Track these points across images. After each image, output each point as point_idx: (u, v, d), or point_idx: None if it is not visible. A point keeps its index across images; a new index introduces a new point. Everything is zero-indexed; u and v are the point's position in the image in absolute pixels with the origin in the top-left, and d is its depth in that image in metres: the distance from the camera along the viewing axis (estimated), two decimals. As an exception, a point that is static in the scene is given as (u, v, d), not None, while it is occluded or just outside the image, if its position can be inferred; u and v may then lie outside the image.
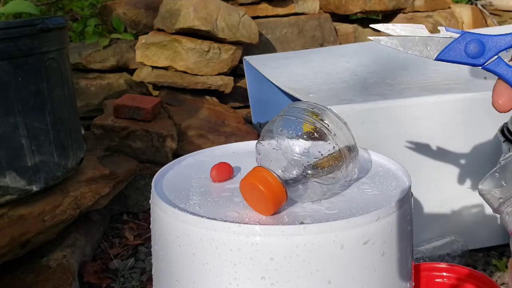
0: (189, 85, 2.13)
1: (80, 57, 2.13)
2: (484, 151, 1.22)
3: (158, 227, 0.51)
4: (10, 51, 1.06)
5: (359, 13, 2.63)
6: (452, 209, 1.25)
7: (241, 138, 1.83)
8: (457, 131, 1.19)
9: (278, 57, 1.92)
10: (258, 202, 0.47)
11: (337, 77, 1.43)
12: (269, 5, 2.44)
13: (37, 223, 1.15)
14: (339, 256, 0.44)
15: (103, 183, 1.37)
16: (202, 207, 0.49)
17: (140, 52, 2.10)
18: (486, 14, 2.82)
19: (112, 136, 1.65)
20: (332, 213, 0.48)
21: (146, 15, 2.27)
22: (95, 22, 2.23)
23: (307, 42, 2.48)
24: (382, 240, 0.46)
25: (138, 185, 1.66)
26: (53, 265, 1.22)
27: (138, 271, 1.37)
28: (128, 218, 1.63)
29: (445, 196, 1.24)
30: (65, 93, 1.23)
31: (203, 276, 0.46)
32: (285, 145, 0.49)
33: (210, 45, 2.09)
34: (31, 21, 1.12)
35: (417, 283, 0.85)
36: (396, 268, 0.48)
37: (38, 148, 1.13)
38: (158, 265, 0.53)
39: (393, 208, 0.47)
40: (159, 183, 0.56)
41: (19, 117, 1.09)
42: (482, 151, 1.22)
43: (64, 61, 1.23)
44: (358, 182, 0.55)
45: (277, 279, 0.44)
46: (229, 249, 0.44)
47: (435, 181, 1.21)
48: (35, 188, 1.14)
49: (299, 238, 0.43)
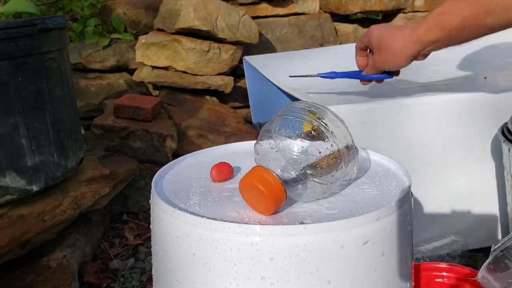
0: (189, 85, 2.13)
1: (80, 57, 2.13)
2: (484, 151, 1.22)
3: (158, 227, 0.51)
4: (10, 51, 1.06)
5: (359, 13, 2.63)
6: (452, 209, 1.25)
7: (241, 138, 1.83)
8: (457, 131, 1.19)
9: (278, 57, 1.91)
10: (258, 201, 0.47)
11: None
12: (269, 5, 2.44)
13: (37, 223, 1.15)
14: (339, 256, 0.44)
15: (103, 183, 1.37)
16: (202, 207, 0.49)
17: (140, 52, 2.09)
18: (486, 14, 2.81)
19: (112, 136, 1.65)
20: (332, 213, 0.48)
21: (146, 15, 2.27)
22: (95, 22, 2.23)
23: (307, 42, 2.48)
24: (382, 240, 0.46)
25: (138, 185, 1.65)
26: (53, 265, 1.22)
27: (138, 271, 1.37)
28: (128, 218, 1.63)
29: (445, 196, 1.24)
30: (65, 93, 1.23)
31: (203, 276, 0.46)
32: (283, 144, 0.49)
33: (210, 45, 2.09)
34: (31, 21, 1.12)
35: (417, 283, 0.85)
36: (396, 268, 0.48)
37: (38, 148, 1.13)
38: (158, 265, 0.53)
39: (393, 208, 0.47)
40: (159, 183, 0.56)
41: (19, 117, 1.09)
42: (482, 151, 1.22)
43: (64, 61, 1.23)
44: (358, 182, 0.55)
45: (277, 279, 0.44)
46: (229, 249, 0.44)
47: (435, 181, 1.21)
48: (35, 188, 1.14)
49: (299, 238, 0.43)
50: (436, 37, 0.78)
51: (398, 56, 0.86)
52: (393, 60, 0.88)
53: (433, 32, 0.78)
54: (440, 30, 0.77)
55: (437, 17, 0.77)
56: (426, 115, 1.18)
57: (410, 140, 1.17)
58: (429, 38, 0.80)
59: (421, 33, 0.80)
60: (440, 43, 0.80)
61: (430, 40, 0.80)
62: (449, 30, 0.76)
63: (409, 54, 0.85)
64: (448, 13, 0.75)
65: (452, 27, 0.75)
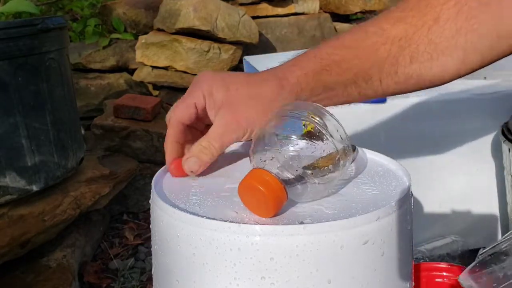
0: (189, 85, 2.12)
1: (80, 57, 2.13)
2: (484, 151, 1.22)
3: (158, 227, 0.51)
4: (10, 51, 1.06)
5: (359, 13, 2.63)
6: (452, 209, 1.25)
7: (241, 138, 1.82)
8: (457, 131, 1.19)
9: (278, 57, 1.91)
10: (258, 203, 0.47)
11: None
12: (269, 5, 2.44)
13: (37, 223, 1.15)
14: (339, 256, 0.44)
15: (103, 183, 1.37)
16: (202, 207, 0.49)
17: (140, 52, 2.09)
18: (486, 14, 2.82)
19: (112, 136, 1.65)
20: (332, 213, 0.48)
21: (146, 15, 2.27)
22: (95, 22, 2.23)
23: (307, 42, 2.48)
24: (382, 240, 0.46)
25: (138, 185, 1.65)
26: (53, 265, 1.22)
27: (138, 271, 1.37)
28: (128, 218, 1.63)
29: (445, 196, 1.24)
30: (65, 93, 1.23)
31: (203, 276, 0.46)
32: (282, 145, 0.49)
33: (210, 45, 2.09)
34: (31, 21, 1.12)
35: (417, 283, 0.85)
36: (396, 268, 0.48)
37: (38, 148, 1.13)
38: (158, 265, 0.53)
39: (393, 208, 0.47)
40: (159, 183, 0.56)
41: (19, 117, 1.09)
42: (482, 151, 1.22)
43: (64, 61, 1.23)
44: (358, 182, 0.55)
45: (277, 279, 0.44)
46: (229, 249, 0.44)
47: (435, 181, 1.21)
48: (35, 188, 1.14)
49: (299, 238, 0.43)
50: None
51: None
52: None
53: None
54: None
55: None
56: (426, 115, 1.18)
57: (410, 140, 1.17)
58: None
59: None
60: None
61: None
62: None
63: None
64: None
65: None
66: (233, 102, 0.56)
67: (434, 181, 1.21)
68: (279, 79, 0.58)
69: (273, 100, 0.57)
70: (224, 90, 0.57)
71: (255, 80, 0.58)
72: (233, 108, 0.56)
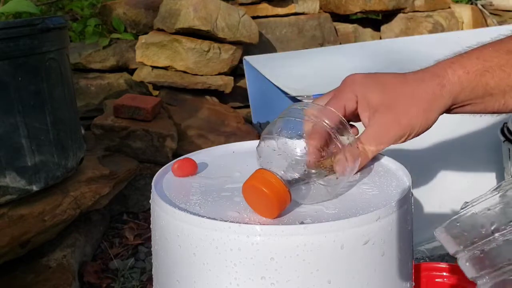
0: (189, 85, 2.13)
1: (80, 57, 2.13)
2: (484, 151, 1.22)
3: (158, 227, 0.51)
4: (10, 51, 1.06)
5: (359, 13, 2.63)
6: (452, 209, 1.25)
7: (241, 138, 1.83)
8: (457, 131, 1.20)
9: (278, 57, 1.91)
10: (262, 204, 0.47)
11: (337, 77, 1.42)
12: (269, 5, 2.44)
13: (37, 223, 1.15)
14: (339, 256, 0.44)
15: (103, 183, 1.37)
16: (202, 207, 0.49)
17: (140, 52, 2.10)
18: (486, 14, 2.82)
19: (112, 136, 1.65)
20: (332, 213, 0.48)
21: (146, 15, 2.27)
22: (95, 22, 2.23)
23: (307, 42, 2.48)
24: (382, 240, 0.46)
25: (138, 185, 1.65)
26: (53, 265, 1.22)
27: (138, 271, 1.37)
28: (128, 218, 1.63)
29: (445, 196, 1.24)
30: (65, 93, 1.23)
31: (203, 276, 0.46)
32: (286, 146, 0.49)
33: (210, 45, 2.09)
34: (31, 21, 1.11)
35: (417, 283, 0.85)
36: (396, 268, 0.48)
37: (38, 148, 1.13)
38: (158, 265, 0.53)
39: (393, 208, 0.47)
40: (159, 183, 0.56)
41: (19, 117, 1.09)
42: (482, 151, 1.22)
43: (64, 61, 1.23)
44: (358, 182, 0.55)
45: (277, 279, 0.44)
46: (229, 249, 0.44)
47: (435, 181, 1.21)
48: (35, 188, 1.14)
49: (299, 238, 0.43)
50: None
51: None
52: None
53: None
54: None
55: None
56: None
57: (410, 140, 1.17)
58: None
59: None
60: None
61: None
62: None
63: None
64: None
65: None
66: (391, 102, 0.54)
67: (434, 181, 1.21)
68: (438, 77, 0.55)
69: (433, 99, 0.55)
70: (380, 91, 0.55)
71: (412, 78, 0.56)
72: (392, 108, 0.54)
